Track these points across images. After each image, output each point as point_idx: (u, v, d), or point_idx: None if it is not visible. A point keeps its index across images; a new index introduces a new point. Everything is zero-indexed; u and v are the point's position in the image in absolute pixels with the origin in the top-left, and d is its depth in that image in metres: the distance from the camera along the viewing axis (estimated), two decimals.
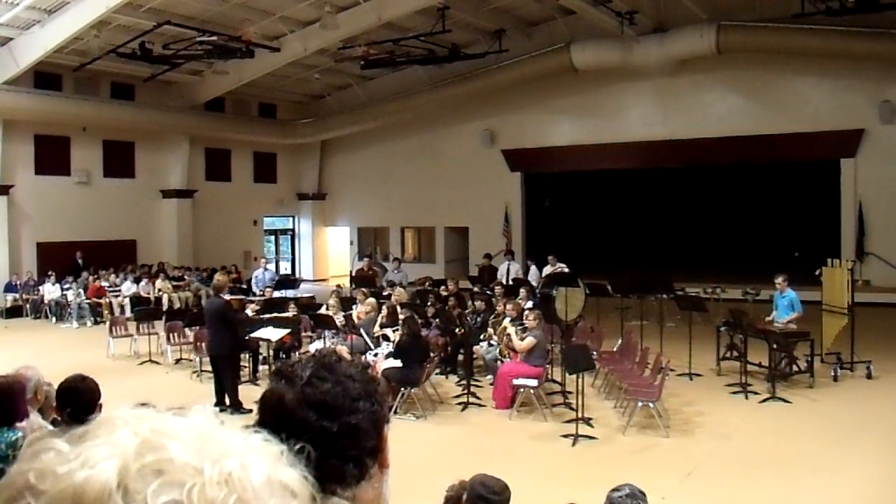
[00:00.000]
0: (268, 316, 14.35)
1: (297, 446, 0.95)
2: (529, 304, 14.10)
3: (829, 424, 10.16)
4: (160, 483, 0.73)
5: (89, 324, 20.18)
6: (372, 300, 14.43)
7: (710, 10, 21.37)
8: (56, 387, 4.66)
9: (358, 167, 30.58)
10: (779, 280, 12.84)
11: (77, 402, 4.36)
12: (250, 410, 10.17)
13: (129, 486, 0.73)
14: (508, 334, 11.46)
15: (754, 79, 22.97)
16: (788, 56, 21.85)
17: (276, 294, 18.40)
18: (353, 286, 18.47)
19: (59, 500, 0.73)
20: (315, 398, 1.42)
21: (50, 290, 21.24)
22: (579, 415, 9.83)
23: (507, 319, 11.87)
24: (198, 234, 27.11)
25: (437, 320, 14.01)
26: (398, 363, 11.15)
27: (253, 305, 14.95)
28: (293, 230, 32.32)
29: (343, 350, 11.60)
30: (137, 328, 16.09)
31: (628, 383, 10.74)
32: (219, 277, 12.46)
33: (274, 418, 1.43)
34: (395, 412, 10.40)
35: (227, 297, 12.45)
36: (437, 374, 12.62)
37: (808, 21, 19.24)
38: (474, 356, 13.04)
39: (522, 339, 11.18)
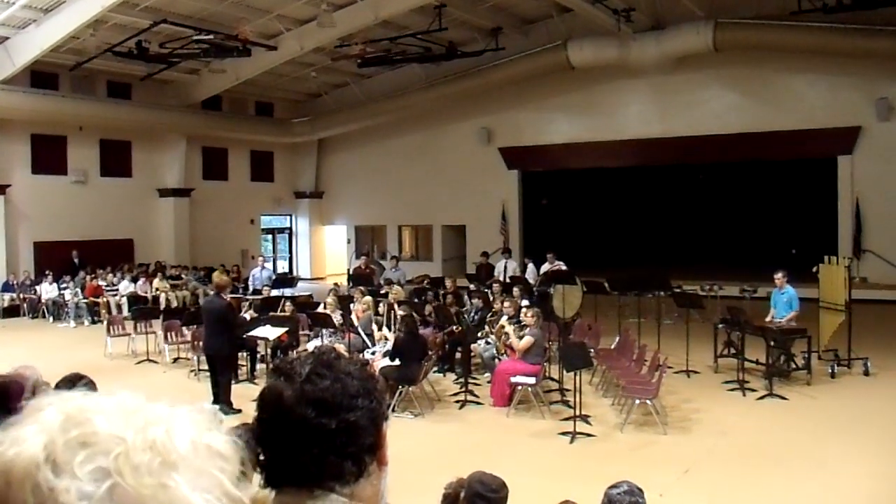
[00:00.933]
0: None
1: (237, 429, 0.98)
2: (526, 301, 14.11)
3: (826, 421, 10.18)
4: (87, 454, 0.77)
5: (86, 323, 20.16)
6: (368, 298, 14.42)
7: (707, 7, 21.38)
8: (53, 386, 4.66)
9: (355, 165, 30.57)
10: (778, 276, 12.85)
11: None
12: (240, 410, 10.18)
13: (57, 458, 0.77)
14: (507, 332, 11.46)
15: (751, 76, 22.99)
16: (785, 53, 21.86)
17: (274, 292, 18.39)
18: (351, 284, 18.47)
19: None
20: (314, 395, 1.43)
21: (47, 290, 21.22)
22: (577, 412, 9.84)
23: (505, 318, 11.87)
24: (195, 233, 27.10)
25: (435, 318, 14.02)
26: (396, 362, 11.16)
27: (251, 312, 14.89)
28: (290, 229, 32.30)
29: (341, 348, 11.60)
30: (135, 327, 16.07)
31: (626, 381, 10.75)
32: (221, 277, 12.44)
33: (272, 415, 1.43)
34: (393, 410, 10.39)
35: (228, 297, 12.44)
36: (434, 371, 12.62)
37: (805, 18, 19.26)
38: (472, 354, 13.05)
39: (521, 338, 11.19)
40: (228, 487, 0.83)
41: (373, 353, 12.43)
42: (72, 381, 4.60)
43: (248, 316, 14.19)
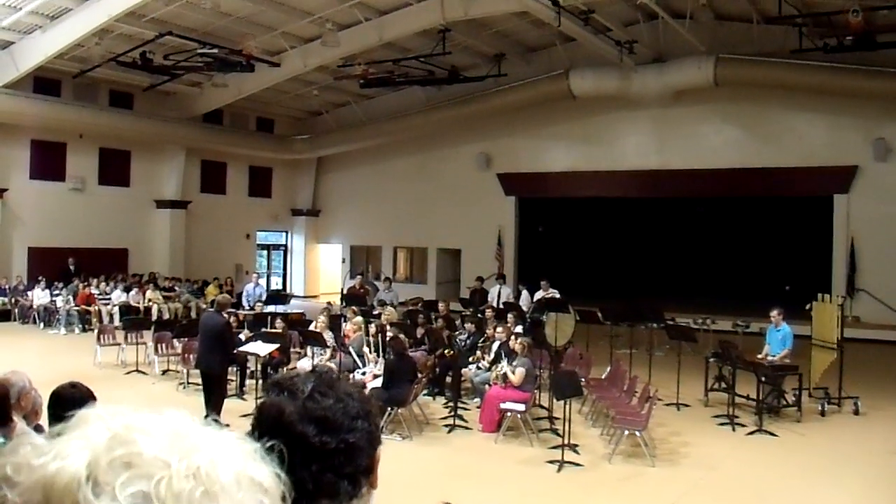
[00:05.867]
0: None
1: (268, 444, 0.96)
2: (519, 328, 14.09)
3: (815, 459, 10.15)
4: (129, 475, 0.76)
5: (77, 331, 20.09)
6: (359, 319, 14.40)
7: (709, 42, 21.54)
8: (41, 393, 4.63)
9: (353, 185, 30.60)
10: (774, 313, 12.82)
11: (67, 409, 4.32)
12: (227, 426, 10.08)
13: (98, 477, 0.76)
14: (504, 374, 11.32)
15: (750, 112, 23.11)
16: (785, 91, 22.01)
17: (267, 309, 18.37)
18: (344, 304, 18.43)
19: (32, 491, 0.76)
20: (316, 413, 1.43)
21: (39, 296, 21.15)
22: (565, 441, 9.80)
23: (505, 363, 11.62)
24: (190, 245, 27.06)
25: (427, 341, 13.98)
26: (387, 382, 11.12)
27: (246, 332, 14.80)
28: (286, 245, 32.28)
29: (333, 367, 11.56)
30: (125, 337, 16.02)
31: (615, 411, 10.72)
32: (224, 297, 12.47)
33: (272, 430, 1.43)
34: (382, 431, 10.31)
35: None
36: (424, 394, 12.58)
37: (806, 57, 19.45)
38: (462, 378, 13.00)
39: (514, 372, 11.14)
40: None
41: (363, 374, 12.39)
42: (72, 390, 4.58)
43: (243, 337, 14.13)
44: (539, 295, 18.55)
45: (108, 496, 0.75)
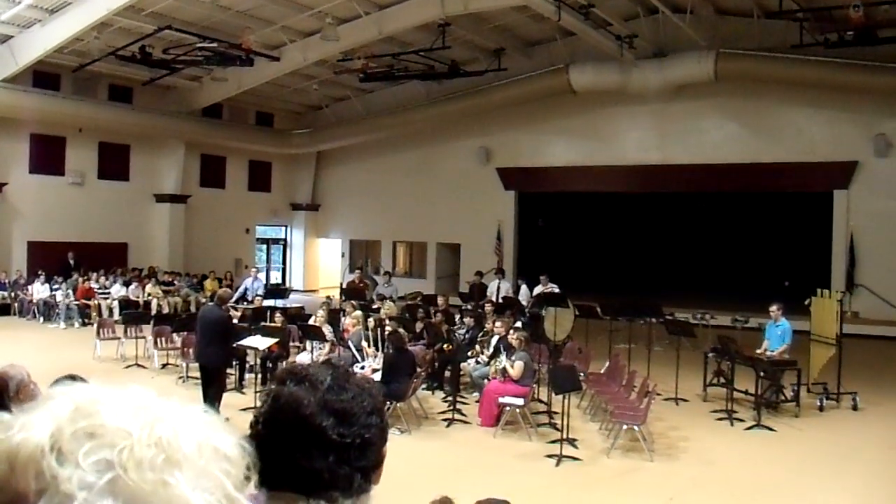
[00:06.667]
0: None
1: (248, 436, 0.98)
2: (518, 323, 14.09)
3: (813, 454, 10.17)
4: (92, 445, 0.78)
5: (77, 325, 20.10)
6: (358, 313, 14.41)
7: (710, 37, 21.52)
8: (40, 386, 4.63)
9: (353, 179, 30.59)
10: (773, 309, 12.81)
11: None
12: (227, 419, 10.10)
13: (62, 447, 0.78)
14: (504, 368, 11.33)
15: (751, 107, 23.09)
16: (785, 86, 21.99)
17: (267, 303, 18.38)
18: (344, 298, 18.44)
19: None
20: (335, 406, 1.44)
21: (39, 290, 21.14)
22: (564, 435, 9.82)
23: (504, 357, 11.64)
24: (190, 239, 27.05)
25: (426, 335, 13.99)
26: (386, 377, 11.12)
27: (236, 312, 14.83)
28: (285, 240, 32.27)
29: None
30: (125, 331, 16.04)
31: (614, 406, 10.73)
32: (224, 290, 12.49)
33: (289, 421, 1.43)
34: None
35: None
36: (423, 389, 12.59)
37: (806, 52, 19.40)
38: (461, 373, 13.01)
39: (513, 366, 11.14)
40: (230, 490, 0.84)
41: (362, 368, 12.40)
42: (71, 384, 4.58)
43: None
44: (538, 290, 18.56)
45: (71, 464, 0.77)
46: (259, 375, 12.66)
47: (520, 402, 10.79)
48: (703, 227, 27.03)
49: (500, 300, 18.21)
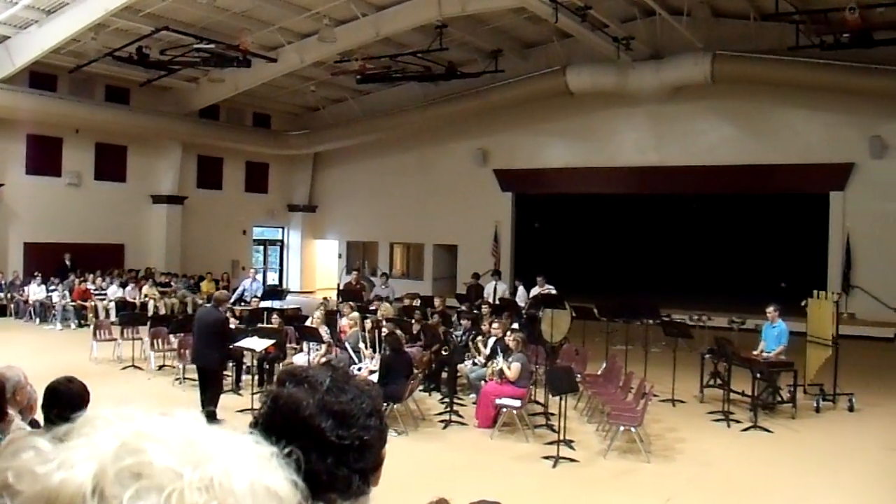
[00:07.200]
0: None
1: (287, 450, 0.94)
2: (515, 325, 14.09)
3: (809, 455, 10.17)
4: (138, 488, 0.72)
5: (73, 326, 20.07)
6: (355, 314, 14.39)
7: (706, 39, 21.54)
8: (36, 388, 4.63)
9: (350, 181, 30.58)
10: (770, 310, 12.81)
11: (62, 404, 4.33)
12: (223, 421, 10.10)
13: (105, 490, 0.72)
14: (501, 370, 11.32)
15: (747, 109, 23.12)
16: (781, 88, 22.03)
17: (264, 304, 18.37)
18: (341, 300, 18.44)
19: (34, 502, 0.72)
20: (335, 407, 1.44)
21: (35, 291, 21.11)
22: (561, 437, 9.82)
23: (501, 358, 11.63)
24: (186, 240, 27.03)
25: (423, 337, 13.99)
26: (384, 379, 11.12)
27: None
28: (282, 241, 32.26)
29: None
30: (121, 333, 16.00)
31: (611, 407, 10.74)
32: (221, 292, 12.47)
33: (288, 422, 1.43)
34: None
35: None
36: (420, 390, 12.59)
37: (803, 54, 19.45)
38: (458, 374, 13.01)
39: (509, 367, 11.15)
40: None
41: (359, 370, 12.39)
42: (68, 385, 4.58)
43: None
44: (535, 291, 18.55)
45: None
46: (256, 377, 12.64)
47: (517, 403, 10.79)
48: (700, 228, 27.05)
49: (497, 302, 18.22)
